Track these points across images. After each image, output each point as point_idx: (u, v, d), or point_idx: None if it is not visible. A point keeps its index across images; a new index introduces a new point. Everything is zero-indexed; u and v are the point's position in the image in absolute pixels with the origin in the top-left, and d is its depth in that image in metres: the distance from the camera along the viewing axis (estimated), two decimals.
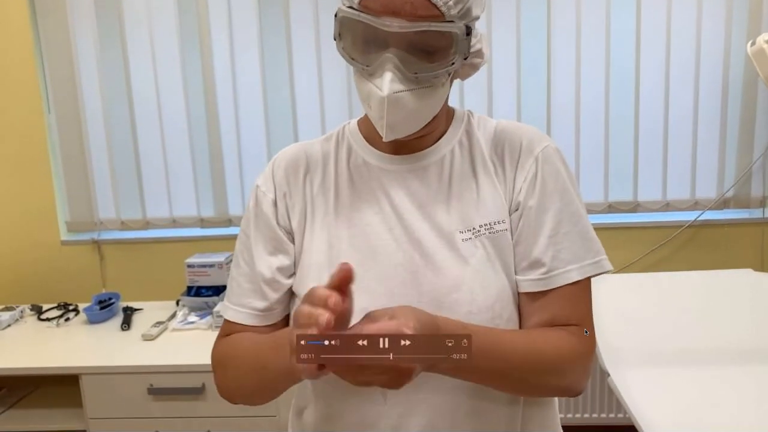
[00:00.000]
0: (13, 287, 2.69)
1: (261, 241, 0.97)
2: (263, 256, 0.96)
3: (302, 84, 2.51)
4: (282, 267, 0.96)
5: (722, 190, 2.48)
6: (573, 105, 2.46)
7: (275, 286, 0.95)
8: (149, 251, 2.65)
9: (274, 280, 0.95)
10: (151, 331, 2.19)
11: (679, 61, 2.42)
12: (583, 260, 0.90)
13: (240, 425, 2.00)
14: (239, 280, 0.98)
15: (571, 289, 0.89)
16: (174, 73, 2.53)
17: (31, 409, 2.24)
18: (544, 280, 0.89)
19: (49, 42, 2.53)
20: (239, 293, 0.97)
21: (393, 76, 0.82)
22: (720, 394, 1.79)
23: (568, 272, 0.89)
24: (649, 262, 2.53)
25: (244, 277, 0.97)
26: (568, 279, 0.89)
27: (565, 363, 0.87)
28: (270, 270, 0.95)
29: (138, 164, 2.60)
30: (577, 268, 0.89)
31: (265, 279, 0.95)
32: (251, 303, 0.96)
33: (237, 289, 0.98)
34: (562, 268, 0.89)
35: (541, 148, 0.93)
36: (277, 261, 0.96)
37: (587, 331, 0.90)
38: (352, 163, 0.98)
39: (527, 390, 0.90)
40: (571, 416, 2.48)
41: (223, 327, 1.00)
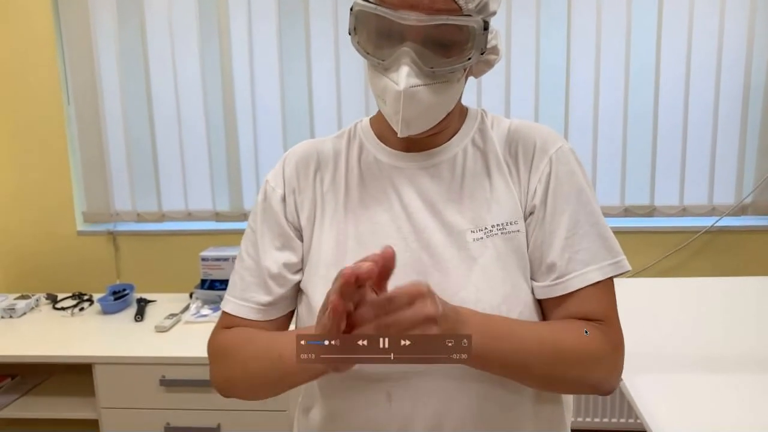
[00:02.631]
0: (29, 276, 2.72)
1: (268, 236, 0.96)
2: (270, 251, 0.95)
3: (320, 80, 2.52)
4: (288, 263, 0.95)
5: (741, 196, 2.45)
6: (591, 106, 2.45)
7: (280, 281, 0.95)
8: (164, 243, 2.67)
9: (280, 275, 0.94)
10: (165, 323, 2.20)
11: (699, 64, 2.39)
12: (603, 260, 0.88)
13: (250, 419, 2.01)
14: (243, 274, 0.97)
15: (591, 291, 0.87)
16: (193, 68, 2.54)
17: (44, 397, 2.26)
18: (558, 285, 0.87)
19: (70, 35, 2.55)
20: (242, 287, 0.96)
21: (410, 71, 0.81)
22: (733, 402, 1.77)
23: (587, 274, 0.87)
24: (665, 267, 2.50)
25: (247, 271, 0.96)
26: (587, 281, 0.87)
27: (588, 354, 0.84)
28: (276, 265, 0.94)
29: (155, 158, 2.61)
30: (597, 268, 0.87)
31: (271, 274, 0.94)
32: (254, 297, 0.95)
33: (240, 283, 0.97)
34: (578, 271, 0.87)
35: (556, 148, 0.92)
36: (283, 257, 0.95)
37: (610, 325, 0.88)
38: (363, 160, 0.97)
39: (552, 383, 0.87)
40: (582, 420, 2.47)
41: (222, 320, 0.98)
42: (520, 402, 0.90)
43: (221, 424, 2.02)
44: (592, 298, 0.87)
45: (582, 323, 0.86)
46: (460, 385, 0.86)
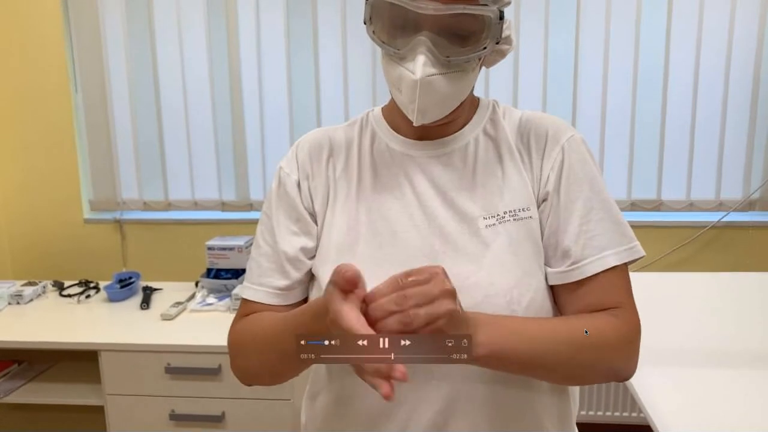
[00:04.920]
0: (36, 263, 2.73)
1: (284, 221, 0.97)
2: (286, 237, 0.96)
3: (327, 70, 2.51)
4: (305, 248, 0.96)
5: (748, 191, 2.44)
6: (599, 99, 2.44)
7: (297, 265, 0.95)
8: (170, 232, 2.68)
9: (297, 259, 0.95)
10: (170, 311, 2.21)
11: (709, 58, 2.38)
12: (619, 246, 0.88)
13: (255, 408, 2.02)
14: (259, 261, 0.97)
15: (607, 276, 0.87)
16: (200, 58, 2.54)
17: (50, 383, 2.28)
18: (573, 271, 0.87)
19: (78, 24, 2.55)
20: (259, 273, 0.97)
21: (426, 60, 0.82)
22: (738, 397, 1.77)
23: (603, 258, 0.87)
24: (671, 262, 2.50)
25: (264, 257, 0.97)
26: (603, 265, 0.87)
27: (606, 342, 0.84)
28: (293, 249, 0.95)
29: (162, 146, 2.62)
30: (614, 253, 0.87)
31: (288, 257, 0.95)
32: (271, 282, 0.95)
33: (257, 269, 0.97)
34: (594, 256, 0.87)
35: (568, 137, 0.93)
36: (300, 241, 0.95)
37: (628, 311, 0.88)
38: (375, 148, 0.98)
39: (572, 374, 0.87)
40: (585, 413, 2.47)
41: (241, 308, 0.99)
42: (526, 394, 0.90)
43: (226, 412, 2.03)
44: (608, 284, 0.87)
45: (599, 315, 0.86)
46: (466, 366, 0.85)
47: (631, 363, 0.88)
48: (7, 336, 2.10)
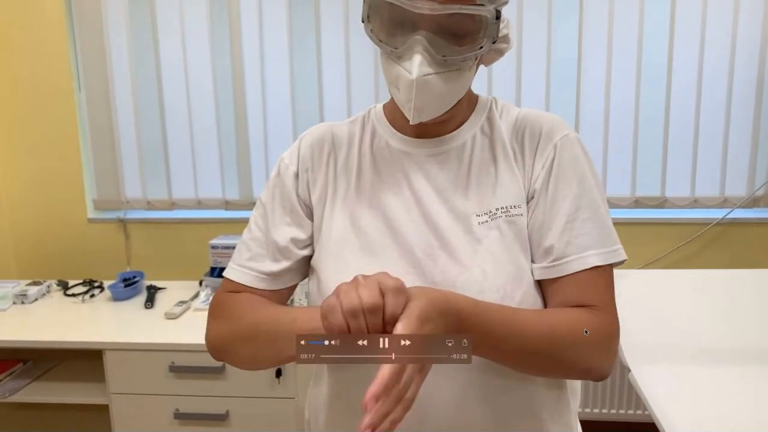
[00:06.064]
0: (40, 262, 2.74)
1: (279, 211, 0.99)
2: (279, 226, 0.98)
3: (329, 68, 2.51)
4: (296, 238, 0.98)
5: (753, 188, 2.44)
6: (603, 96, 2.43)
7: (287, 254, 0.97)
8: (174, 231, 2.68)
9: (287, 248, 0.97)
10: (174, 310, 2.22)
11: (713, 54, 2.37)
12: (603, 247, 0.89)
13: (258, 406, 2.02)
14: (249, 245, 0.99)
15: (588, 275, 0.87)
16: (203, 56, 2.54)
17: (54, 382, 2.28)
18: (554, 267, 0.88)
19: (81, 22, 2.55)
20: (248, 256, 0.98)
21: (422, 59, 0.83)
22: (743, 394, 1.77)
23: (585, 258, 0.87)
24: (675, 259, 2.49)
25: (255, 241, 0.99)
26: (584, 264, 0.87)
27: (580, 339, 0.84)
28: (285, 239, 0.97)
29: (165, 145, 2.62)
30: (596, 254, 0.88)
31: (279, 246, 0.97)
32: (259, 266, 0.97)
33: (246, 252, 0.99)
34: (576, 254, 0.88)
35: (561, 135, 0.93)
36: (292, 232, 0.98)
37: (606, 311, 0.88)
38: (375, 145, 1.00)
39: (546, 368, 0.87)
40: (589, 411, 2.47)
41: (224, 286, 1.00)
42: (523, 386, 0.90)
43: (230, 411, 2.03)
44: (588, 283, 0.88)
45: (574, 310, 0.86)
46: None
47: (605, 362, 0.87)
48: (12, 335, 2.10)
